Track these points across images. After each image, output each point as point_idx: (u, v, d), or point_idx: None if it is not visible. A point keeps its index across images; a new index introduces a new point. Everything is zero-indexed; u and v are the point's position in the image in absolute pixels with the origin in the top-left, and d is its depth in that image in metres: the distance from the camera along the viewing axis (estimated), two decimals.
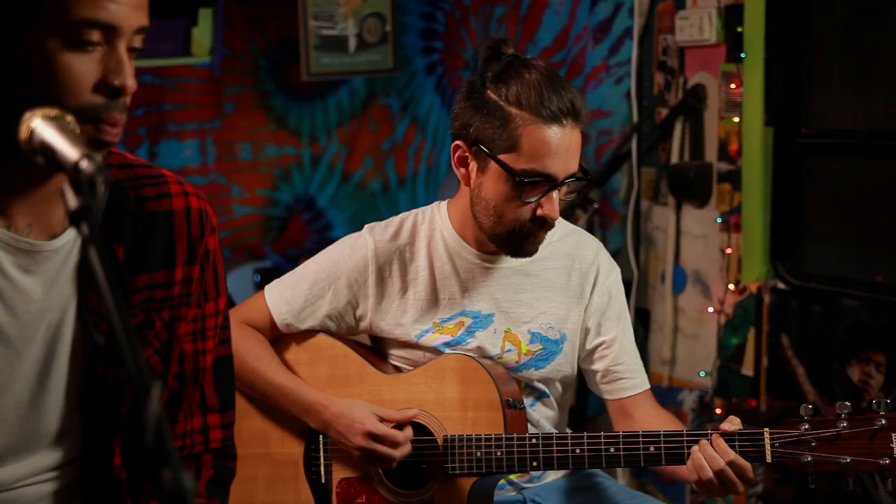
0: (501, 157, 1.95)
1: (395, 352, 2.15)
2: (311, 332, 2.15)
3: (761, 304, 3.21)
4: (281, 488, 2.11)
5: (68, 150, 1.13)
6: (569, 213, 3.39)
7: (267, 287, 2.18)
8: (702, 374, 3.38)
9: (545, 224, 1.99)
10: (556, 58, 3.89)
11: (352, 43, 4.07)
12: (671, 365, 3.53)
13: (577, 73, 3.81)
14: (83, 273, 1.41)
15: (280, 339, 2.16)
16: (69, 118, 1.22)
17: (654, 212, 3.57)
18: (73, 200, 1.08)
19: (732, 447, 1.83)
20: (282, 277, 2.19)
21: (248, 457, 2.13)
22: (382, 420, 2.01)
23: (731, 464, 1.82)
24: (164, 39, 3.85)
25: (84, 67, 1.28)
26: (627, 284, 3.57)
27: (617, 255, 3.69)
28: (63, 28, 1.27)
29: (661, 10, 3.46)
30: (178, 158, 4.51)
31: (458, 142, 2.02)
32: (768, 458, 1.82)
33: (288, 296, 2.14)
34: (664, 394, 3.53)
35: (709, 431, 1.86)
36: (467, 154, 2.01)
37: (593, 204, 3.40)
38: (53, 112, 1.21)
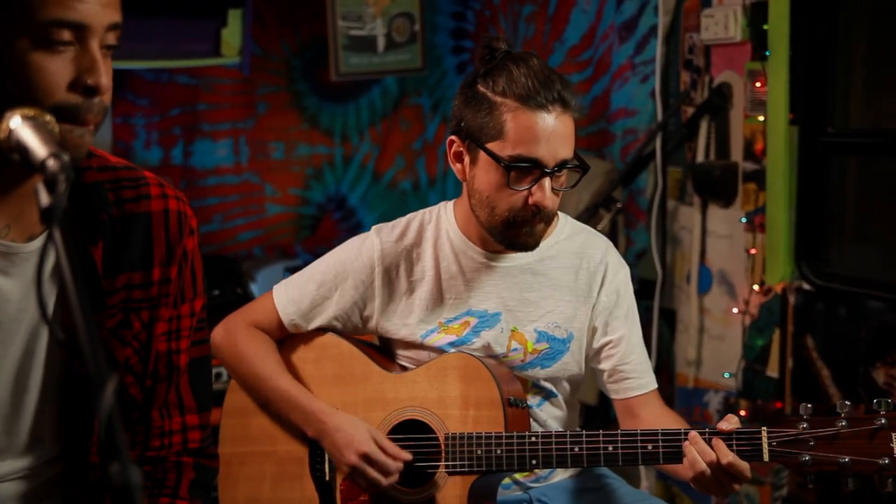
0: (489, 145, 1.96)
1: (401, 352, 2.16)
2: (318, 331, 2.17)
3: (786, 305, 3.17)
4: (287, 485, 2.13)
5: (39, 148, 1.16)
6: (592, 213, 3.38)
7: (275, 287, 2.21)
8: (726, 375, 3.35)
9: (540, 213, 1.98)
10: (583, 56, 3.88)
11: (380, 43, 4.09)
12: (697, 366, 3.50)
13: (603, 71, 3.79)
14: (60, 274, 1.43)
15: (287, 337, 2.18)
16: (48, 118, 1.25)
17: (680, 211, 3.54)
18: (45, 198, 1.10)
19: (730, 446, 1.82)
20: (290, 277, 2.22)
21: (255, 454, 2.16)
22: (379, 447, 2.01)
23: (729, 464, 1.80)
24: (194, 40, 3.90)
25: (56, 67, 1.30)
26: (652, 284, 3.56)
27: (643, 254, 3.67)
28: (32, 29, 1.29)
29: (688, 8, 3.43)
30: (212, 158, 4.57)
31: (451, 137, 2.04)
32: (766, 458, 1.80)
33: (295, 296, 2.16)
34: (690, 395, 3.51)
35: (706, 430, 1.85)
36: (461, 148, 2.03)
37: (616, 203, 3.38)
38: (32, 112, 1.24)
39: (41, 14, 1.29)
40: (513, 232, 2.01)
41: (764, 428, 1.80)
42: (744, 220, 3.27)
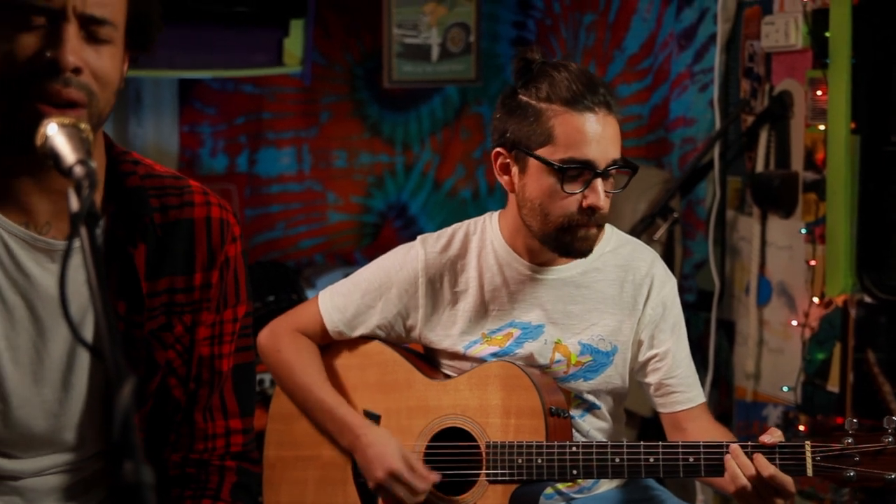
0: (538, 151, 1.96)
1: (445, 361, 2.17)
2: (362, 338, 2.19)
3: (847, 319, 3.10)
4: (330, 490, 2.15)
5: (68, 155, 1.19)
6: (649, 222, 3.35)
7: (321, 293, 2.23)
8: (785, 389, 3.29)
9: (593, 216, 1.97)
10: (642, 65, 3.85)
11: (435, 52, 4.11)
12: (755, 379, 3.44)
13: (662, 80, 3.76)
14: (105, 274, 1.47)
15: (332, 343, 2.21)
16: (83, 126, 1.29)
17: (739, 221, 3.49)
18: (74, 203, 1.14)
19: (772, 460, 1.79)
20: (335, 285, 2.24)
21: (299, 458, 2.18)
22: (407, 466, 2.01)
23: (770, 478, 1.78)
24: (256, 50, 3.96)
25: (23, 41, 1.37)
26: (710, 295, 3.51)
27: (701, 265, 3.62)
28: (8, 13, 1.37)
29: (748, 16, 3.39)
30: (276, 166, 4.64)
31: (497, 149, 2.04)
32: (809, 472, 1.77)
33: (340, 304, 2.18)
34: (748, 408, 3.45)
35: (748, 444, 1.82)
36: (508, 160, 2.03)
37: (673, 213, 3.34)
38: (68, 120, 1.28)
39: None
40: (568, 237, 2.00)
41: (808, 442, 1.77)
42: (804, 230, 3.21)
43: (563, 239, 2.01)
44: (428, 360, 2.21)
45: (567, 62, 2.01)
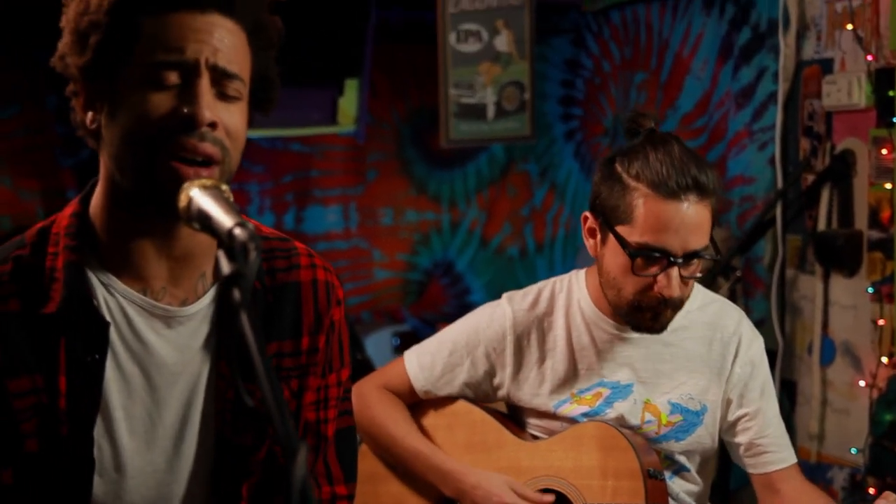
0: (618, 228, 1.95)
1: (532, 420, 2.14)
2: (449, 398, 2.17)
3: None
4: None
5: (223, 217, 1.18)
6: (710, 281, 3.33)
7: (406, 353, 2.22)
8: (853, 451, 3.24)
9: (666, 301, 1.96)
10: (696, 124, 3.86)
11: (490, 111, 4.14)
12: (819, 440, 3.39)
13: (718, 138, 3.77)
14: (217, 340, 1.45)
15: (419, 404, 2.19)
16: (224, 187, 1.28)
17: (800, 280, 3.47)
18: (226, 266, 1.12)
19: None
20: (421, 344, 2.22)
21: None
22: (518, 495, 2.00)
23: None
24: (311, 109, 4.00)
25: (158, 99, 1.36)
26: (772, 355, 3.47)
27: (761, 324, 3.59)
28: (141, 71, 1.37)
29: (807, 75, 3.40)
30: (323, 223, 4.65)
31: (586, 213, 2.03)
32: None
33: (427, 363, 2.17)
34: (812, 470, 3.40)
35: None
36: (594, 225, 2.02)
37: (736, 272, 3.32)
38: (210, 182, 1.27)
39: (147, 58, 1.36)
40: (638, 315, 2.00)
41: None
42: (870, 290, 3.18)
43: (634, 316, 2.00)
44: (514, 420, 2.19)
45: (670, 139, 1.97)
